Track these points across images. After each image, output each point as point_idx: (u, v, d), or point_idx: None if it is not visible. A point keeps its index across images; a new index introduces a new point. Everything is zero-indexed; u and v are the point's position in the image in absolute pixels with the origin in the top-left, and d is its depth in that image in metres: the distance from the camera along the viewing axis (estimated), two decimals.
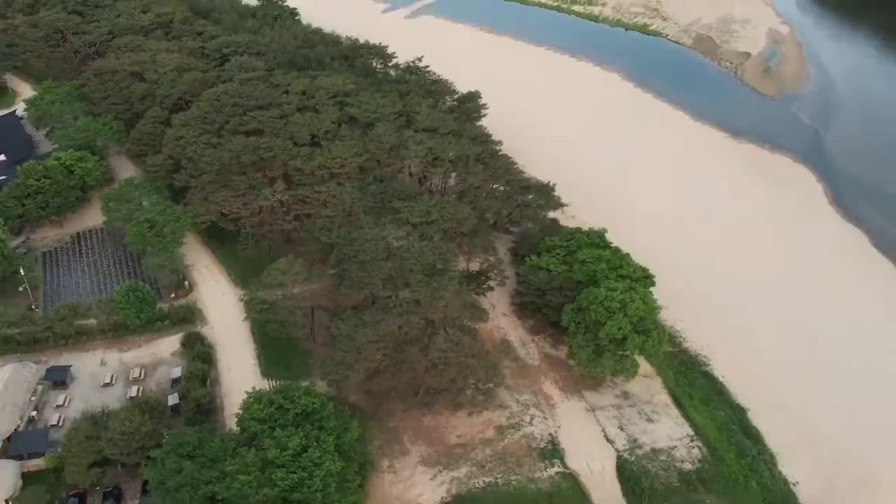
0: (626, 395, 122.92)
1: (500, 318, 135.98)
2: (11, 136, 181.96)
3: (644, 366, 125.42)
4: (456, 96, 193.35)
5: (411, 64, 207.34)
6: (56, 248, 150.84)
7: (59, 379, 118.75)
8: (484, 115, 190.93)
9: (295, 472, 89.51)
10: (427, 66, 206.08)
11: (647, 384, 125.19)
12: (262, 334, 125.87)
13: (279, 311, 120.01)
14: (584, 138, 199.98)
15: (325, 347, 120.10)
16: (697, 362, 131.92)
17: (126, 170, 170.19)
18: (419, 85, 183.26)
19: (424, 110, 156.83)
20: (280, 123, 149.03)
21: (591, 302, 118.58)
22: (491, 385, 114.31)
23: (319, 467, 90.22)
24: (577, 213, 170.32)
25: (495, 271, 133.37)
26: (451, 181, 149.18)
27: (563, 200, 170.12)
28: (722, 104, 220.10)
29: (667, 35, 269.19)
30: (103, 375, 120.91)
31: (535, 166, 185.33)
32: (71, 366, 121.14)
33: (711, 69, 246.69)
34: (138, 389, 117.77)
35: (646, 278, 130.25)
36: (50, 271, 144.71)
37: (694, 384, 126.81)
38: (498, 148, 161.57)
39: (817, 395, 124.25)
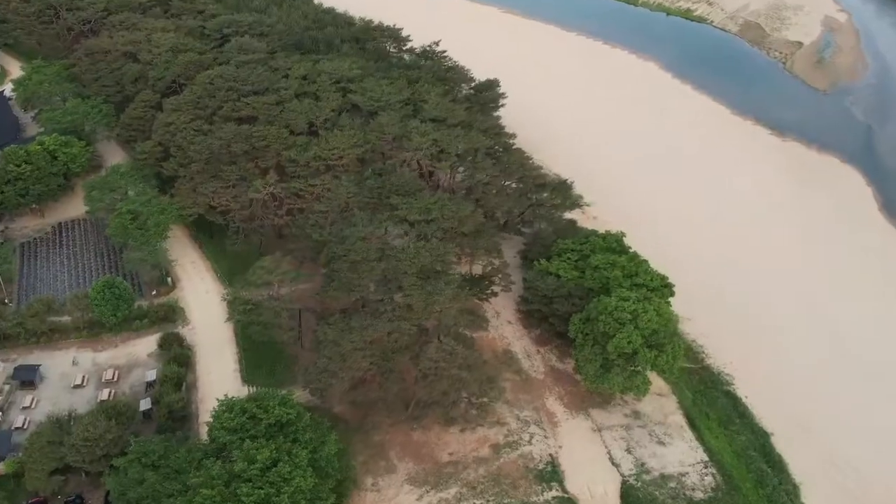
0: (636, 414, 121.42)
1: (504, 326, 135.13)
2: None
3: (658, 383, 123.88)
4: (473, 84, 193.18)
5: (427, 48, 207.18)
6: (35, 238, 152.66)
7: (27, 379, 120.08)
8: (502, 105, 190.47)
9: (262, 488, 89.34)
10: (444, 52, 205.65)
11: (661, 403, 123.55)
12: (245, 337, 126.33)
13: (263, 312, 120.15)
14: (613, 132, 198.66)
15: (312, 353, 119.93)
16: (719, 381, 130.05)
17: (115, 156, 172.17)
18: (432, 71, 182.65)
19: (433, 99, 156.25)
20: (276, 110, 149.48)
21: (600, 312, 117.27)
22: (485, 399, 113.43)
23: (289, 483, 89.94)
24: (599, 214, 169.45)
25: (500, 275, 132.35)
26: (459, 177, 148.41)
27: (586, 200, 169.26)
28: (767, 98, 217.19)
29: (712, 21, 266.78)
30: (74, 376, 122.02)
31: (556, 162, 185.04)
32: (40, 365, 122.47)
33: (758, 59, 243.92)
34: (110, 392, 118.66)
35: (664, 287, 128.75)
36: (27, 263, 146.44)
37: (713, 404, 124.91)
38: (513, 141, 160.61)
39: (847, 418, 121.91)
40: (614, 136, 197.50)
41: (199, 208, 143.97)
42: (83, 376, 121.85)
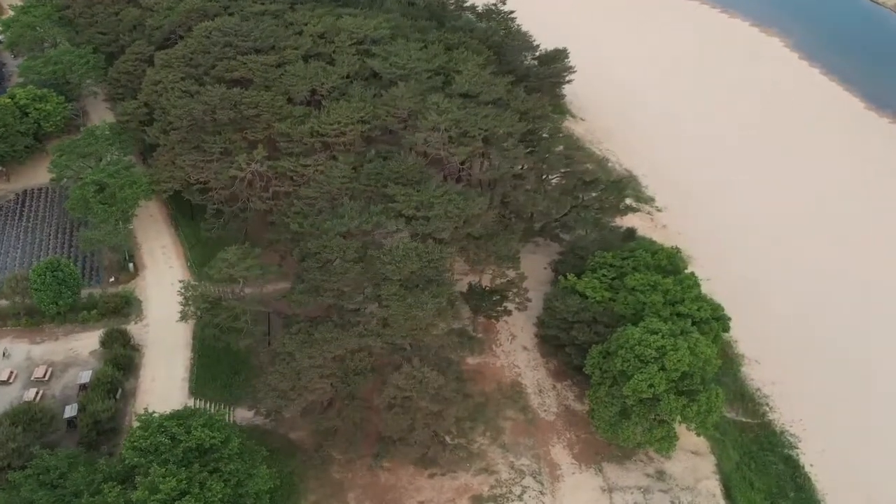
0: (660, 475, 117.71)
1: (517, 352, 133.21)
2: None
3: (693, 438, 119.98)
4: (537, 54, 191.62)
5: (492, 6, 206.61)
6: None
7: None
8: (568, 81, 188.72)
9: None
10: (512, 12, 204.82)
11: (694, 463, 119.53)
12: (202, 341, 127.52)
13: (220, 313, 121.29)
14: (714, 124, 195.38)
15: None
16: (780, 442, 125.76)
17: (105, 117, 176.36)
18: (485, 35, 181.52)
19: (469, 69, 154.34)
20: (275, 73, 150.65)
21: (620, 346, 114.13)
22: (463, 441, 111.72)
23: None
24: (672, 222, 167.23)
25: (515, 290, 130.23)
26: (485, 167, 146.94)
27: (658, 203, 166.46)
28: None
29: None
30: (2, 371, 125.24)
31: (631, 154, 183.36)
32: None
33: None
34: (37, 393, 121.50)
35: (716, 320, 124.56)
36: None
37: (764, 471, 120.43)
38: (575, 127, 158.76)
39: None
40: (714, 128, 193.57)
41: (175, 183, 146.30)
42: (11, 372, 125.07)
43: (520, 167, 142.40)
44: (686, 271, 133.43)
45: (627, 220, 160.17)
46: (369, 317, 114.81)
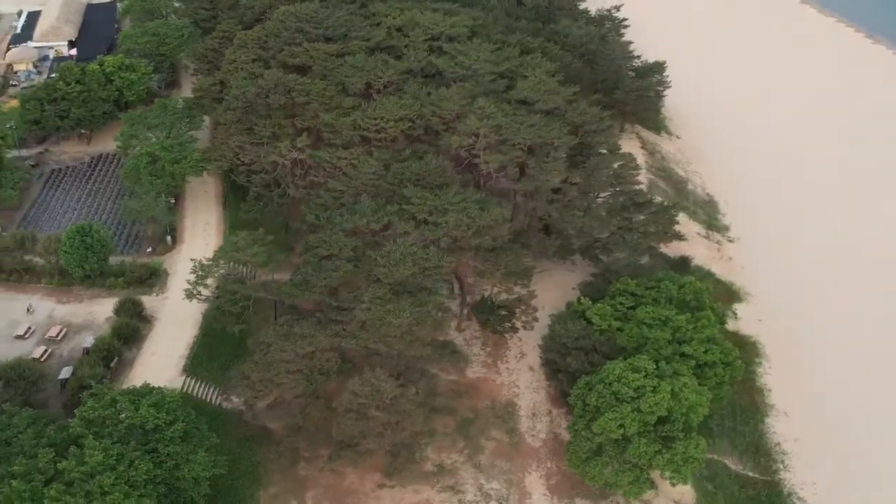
0: None
1: (522, 371, 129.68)
2: (98, 29, 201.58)
3: (680, 486, 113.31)
4: (635, 64, 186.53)
5: (605, 12, 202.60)
6: (69, 167, 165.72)
7: None
8: (663, 96, 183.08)
9: (73, 497, 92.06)
10: (625, 20, 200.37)
11: None
12: (208, 321, 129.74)
13: (221, 295, 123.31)
14: (821, 155, 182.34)
15: None
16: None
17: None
18: (580, 43, 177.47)
19: (536, 76, 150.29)
20: (334, 63, 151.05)
21: (600, 380, 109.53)
22: (415, 455, 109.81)
23: (104, 498, 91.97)
24: (740, 255, 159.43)
25: (523, 307, 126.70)
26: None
27: (731, 234, 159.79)
28: None
29: None
30: (21, 325, 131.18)
31: (717, 179, 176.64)
32: None
33: None
34: (45, 351, 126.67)
35: (725, 365, 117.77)
36: (46, 193, 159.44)
37: None
38: (666, 147, 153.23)
39: None
40: (823, 160, 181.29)
41: (224, 163, 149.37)
42: (28, 328, 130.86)
43: (559, 181, 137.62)
44: (713, 309, 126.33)
45: (691, 248, 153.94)
46: (351, 318, 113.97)
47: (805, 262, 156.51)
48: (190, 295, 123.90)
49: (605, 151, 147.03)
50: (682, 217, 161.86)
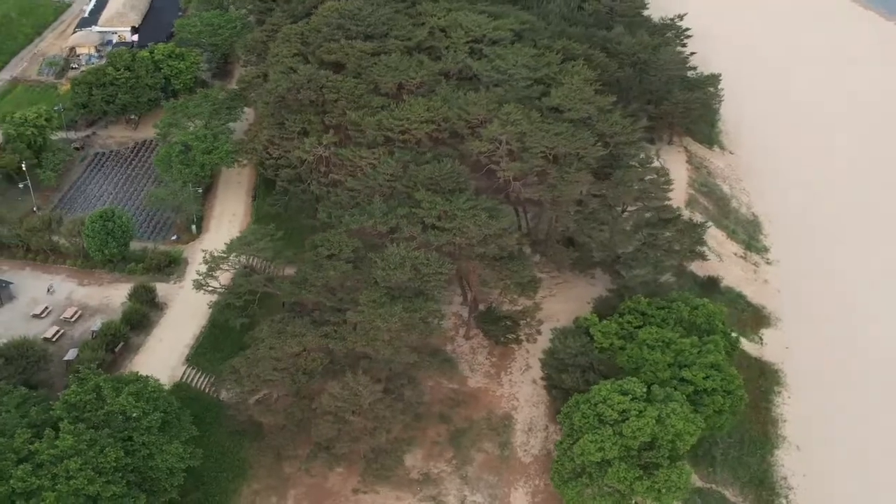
0: None
1: (524, 384, 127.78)
2: (162, 17, 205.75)
3: None
4: (689, 77, 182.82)
5: (668, 21, 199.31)
6: (112, 151, 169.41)
7: None
8: (716, 108, 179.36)
9: (39, 479, 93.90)
10: (687, 29, 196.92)
11: None
12: (216, 312, 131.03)
13: (228, 288, 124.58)
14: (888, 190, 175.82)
15: None
16: None
17: None
18: (629, 53, 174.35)
19: (574, 83, 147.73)
20: (368, 61, 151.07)
21: (585, 400, 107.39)
22: (393, 462, 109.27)
23: (67, 482, 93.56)
24: (776, 279, 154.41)
25: (527, 319, 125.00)
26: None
27: (770, 256, 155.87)
28: None
29: None
30: (40, 305, 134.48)
31: (765, 198, 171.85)
32: (12, 283, 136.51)
33: None
34: (57, 332, 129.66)
35: (726, 393, 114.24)
36: (87, 175, 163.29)
37: None
38: (713, 161, 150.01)
39: None
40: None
41: (254, 156, 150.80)
42: (45, 307, 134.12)
43: (580, 192, 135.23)
44: (725, 334, 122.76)
45: (725, 268, 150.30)
46: (343, 319, 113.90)
47: (845, 293, 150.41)
48: (198, 286, 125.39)
49: (634, 164, 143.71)
50: (719, 235, 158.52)
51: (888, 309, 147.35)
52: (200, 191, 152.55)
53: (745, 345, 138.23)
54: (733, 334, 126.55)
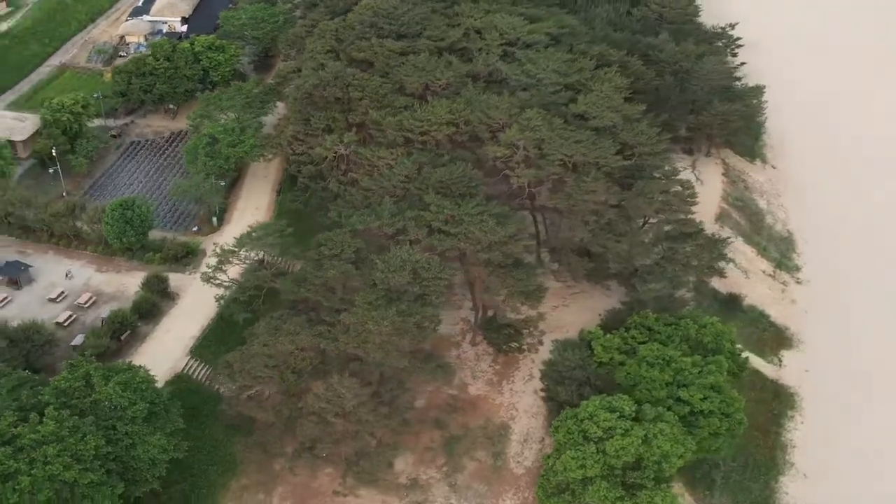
0: None
1: (525, 394, 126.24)
2: (212, 8, 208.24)
3: None
4: (733, 89, 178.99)
5: (720, 29, 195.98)
6: (148, 140, 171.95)
7: (12, 276, 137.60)
8: (760, 120, 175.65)
9: (17, 462, 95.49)
10: (738, 38, 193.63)
11: None
12: (224, 305, 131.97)
13: (236, 282, 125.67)
14: None
15: None
16: None
17: None
18: (672, 60, 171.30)
19: (603, 90, 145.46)
20: (396, 61, 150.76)
21: (572, 415, 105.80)
22: (372, 465, 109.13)
23: (44, 467, 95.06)
24: (804, 298, 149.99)
25: (530, 329, 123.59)
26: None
27: (803, 274, 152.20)
28: None
29: None
30: (56, 289, 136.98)
31: (804, 215, 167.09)
32: (31, 266, 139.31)
33: None
34: (70, 317, 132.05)
35: (724, 416, 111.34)
36: (120, 163, 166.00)
37: None
38: (751, 173, 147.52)
39: None
40: None
41: (278, 151, 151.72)
42: (61, 292, 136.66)
43: (598, 202, 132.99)
44: (732, 354, 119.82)
45: (750, 286, 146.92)
46: (338, 320, 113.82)
47: (874, 320, 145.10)
48: (206, 278, 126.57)
49: (658, 175, 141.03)
50: (749, 252, 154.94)
51: None
52: (223, 183, 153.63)
53: (762, 366, 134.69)
54: (744, 355, 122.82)
